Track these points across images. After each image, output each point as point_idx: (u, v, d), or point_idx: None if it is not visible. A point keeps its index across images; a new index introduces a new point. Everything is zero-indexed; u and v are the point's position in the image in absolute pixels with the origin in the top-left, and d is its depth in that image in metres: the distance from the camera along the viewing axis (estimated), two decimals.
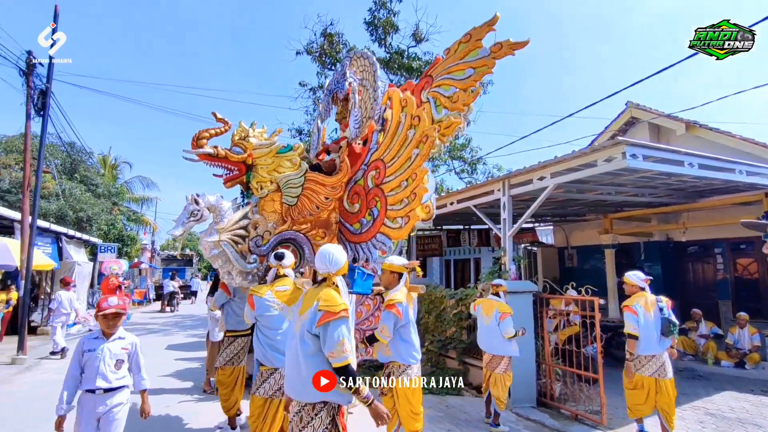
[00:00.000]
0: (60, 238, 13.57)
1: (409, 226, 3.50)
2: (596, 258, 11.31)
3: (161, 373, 7.35)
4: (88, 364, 3.01)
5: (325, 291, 2.48)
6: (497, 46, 3.30)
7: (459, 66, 3.53)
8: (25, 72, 8.59)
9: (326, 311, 2.37)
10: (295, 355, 2.45)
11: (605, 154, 4.84)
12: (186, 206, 4.14)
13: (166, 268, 30.58)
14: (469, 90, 3.44)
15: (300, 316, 2.50)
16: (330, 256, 2.55)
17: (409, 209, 3.48)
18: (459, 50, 3.54)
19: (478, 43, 3.43)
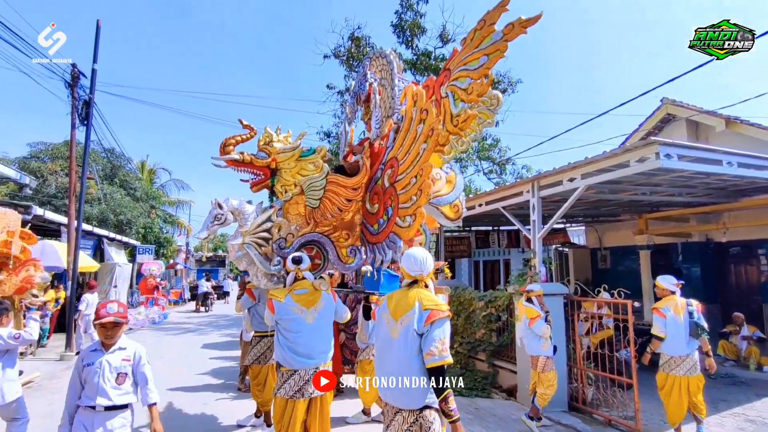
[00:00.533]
0: (102, 240, 14.23)
1: (416, 223, 3.39)
2: (631, 259, 11.00)
3: (198, 371, 7.63)
4: (88, 379, 2.73)
5: (422, 292, 2.52)
6: (509, 27, 3.12)
7: (474, 55, 3.36)
8: (70, 84, 9.07)
9: (433, 310, 2.40)
10: (397, 363, 2.42)
11: (638, 154, 4.72)
12: (210, 210, 4.32)
13: (200, 269, 31.50)
14: (483, 79, 3.27)
15: (396, 322, 2.48)
16: (422, 259, 2.60)
17: (416, 207, 3.36)
18: (474, 38, 3.38)
19: (491, 27, 3.23)
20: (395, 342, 2.46)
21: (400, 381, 2.39)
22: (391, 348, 2.48)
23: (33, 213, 9.07)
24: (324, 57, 15.49)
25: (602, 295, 6.09)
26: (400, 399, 2.42)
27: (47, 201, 17.55)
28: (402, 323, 2.46)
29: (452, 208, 3.84)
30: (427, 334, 2.37)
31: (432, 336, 2.35)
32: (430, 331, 2.36)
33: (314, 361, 3.28)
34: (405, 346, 2.41)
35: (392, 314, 2.53)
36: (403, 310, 2.48)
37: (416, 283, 2.60)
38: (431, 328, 2.37)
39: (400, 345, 2.43)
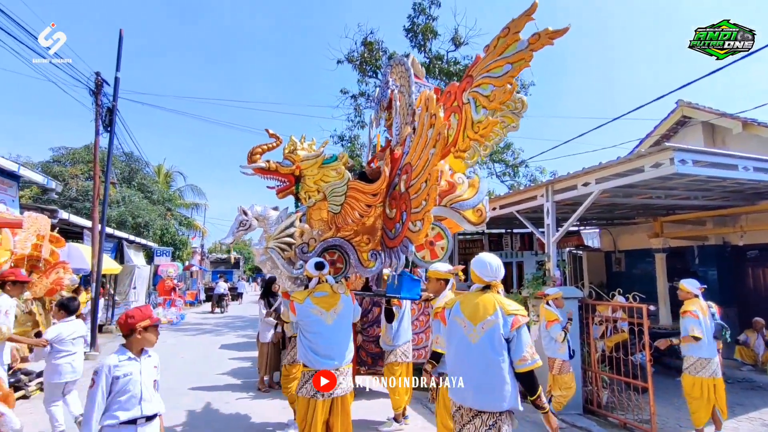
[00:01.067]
0: (122, 242, 14.57)
1: (425, 228, 3.42)
2: (646, 262, 10.94)
3: (218, 371, 7.82)
4: (126, 390, 2.55)
5: (499, 297, 2.61)
6: (535, 37, 3.10)
7: (497, 62, 3.37)
8: (94, 92, 9.36)
9: (517, 315, 2.48)
10: (481, 366, 2.47)
11: (652, 159, 4.77)
12: (236, 217, 4.47)
13: (215, 270, 31.96)
14: (506, 86, 3.26)
15: (475, 327, 2.53)
16: (497, 266, 2.68)
17: (425, 211, 3.40)
18: (498, 46, 3.37)
19: (516, 36, 3.23)
20: (476, 346, 2.51)
21: (485, 384, 2.45)
22: (471, 352, 2.52)
23: (59, 217, 9.35)
24: (337, 62, 15.67)
25: (617, 298, 6.13)
26: (485, 402, 2.45)
27: (68, 204, 18.01)
28: (483, 328, 2.51)
29: (475, 212, 3.91)
30: (515, 340, 2.45)
31: (522, 342, 2.44)
32: (519, 337, 2.44)
33: (334, 361, 3.38)
34: (489, 351, 2.46)
35: (469, 318, 2.57)
36: (482, 315, 2.53)
37: (489, 288, 2.67)
38: (518, 333, 2.45)
39: (483, 349, 2.48)
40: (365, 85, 15.77)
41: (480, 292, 2.67)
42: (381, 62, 15.14)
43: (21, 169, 8.30)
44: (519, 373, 2.42)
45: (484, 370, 2.45)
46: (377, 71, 15.45)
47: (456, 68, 14.37)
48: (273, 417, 5.27)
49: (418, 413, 5.48)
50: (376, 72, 15.48)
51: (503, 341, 2.45)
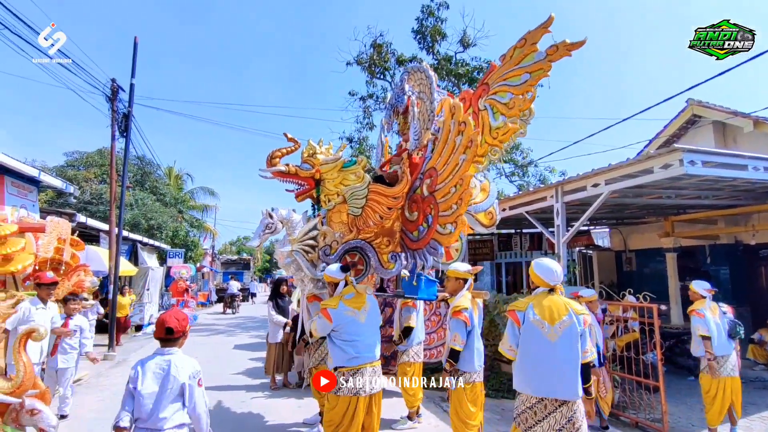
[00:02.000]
0: (136, 245, 14.83)
1: (457, 231, 3.57)
2: (657, 262, 10.92)
3: (232, 371, 7.96)
4: None
5: (564, 299, 2.99)
6: (553, 49, 3.23)
7: (515, 72, 3.49)
8: (110, 98, 9.57)
9: (585, 315, 2.92)
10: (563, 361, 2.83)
11: (661, 161, 4.82)
12: (261, 220, 4.58)
13: (226, 271, 32.26)
14: (525, 95, 3.42)
15: (553, 327, 2.87)
16: (559, 271, 3.03)
17: (457, 215, 3.53)
18: (515, 55, 3.49)
19: (533, 47, 3.37)
20: (556, 344, 2.85)
21: (568, 376, 2.81)
22: (553, 349, 2.85)
23: (77, 220, 9.58)
24: (347, 64, 15.81)
25: (627, 298, 6.17)
26: (569, 392, 2.81)
27: (83, 207, 18.32)
28: (561, 327, 2.87)
29: (487, 215, 4.01)
30: (583, 336, 2.88)
31: (586, 338, 2.90)
32: (585, 334, 2.89)
33: (371, 357, 3.50)
34: (570, 347, 2.84)
35: (546, 320, 2.90)
36: (558, 316, 2.89)
37: (553, 291, 3.01)
38: (585, 331, 2.89)
39: (564, 345, 2.84)
40: (374, 86, 15.90)
41: (546, 294, 3.01)
42: (390, 64, 15.24)
43: (41, 175, 8.53)
44: (582, 363, 2.85)
45: (566, 364, 2.82)
46: (386, 73, 15.54)
47: (464, 70, 14.42)
48: (288, 417, 5.38)
49: (431, 412, 5.57)
50: (385, 74, 15.58)
51: (578, 338, 2.85)
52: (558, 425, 2.79)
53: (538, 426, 2.83)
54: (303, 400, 5.99)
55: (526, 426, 2.88)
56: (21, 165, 7.80)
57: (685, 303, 9.23)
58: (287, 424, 5.18)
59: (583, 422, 2.83)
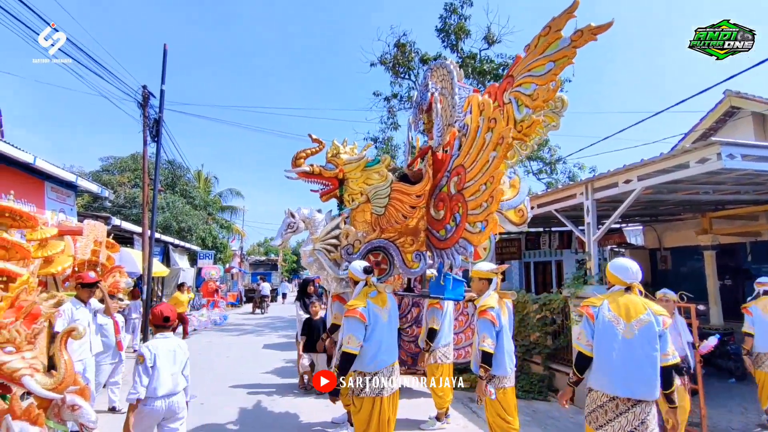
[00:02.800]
0: (168, 246, 15.26)
1: (488, 230, 3.48)
2: (694, 260, 10.51)
3: (262, 370, 8.09)
4: None
5: (642, 298, 2.99)
6: (578, 34, 3.07)
7: (539, 61, 3.34)
8: (142, 104, 9.87)
9: (664, 316, 2.89)
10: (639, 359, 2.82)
11: (698, 155, 4.63)
12: (284, 219, 4.63)
13: (254, 272, 32.84)
14: (549, 85, 3.26)
15: (629, 324, 2.88)
16: (636, 270, 3.05)
17: (488, 213, 3.45)
18: (539, 44, 3.34)
19: (557, 33, 3.20)
20: (632, 341, 2.85)
21: (644, 375, 2.79)
22: (629, 347, 2.85)
23: (112, 223, 9.93)
24: (371, 65, 15.86)
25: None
26: (645, 390, 2.79)
27: (117, 210, 18.97)
28: (638, 325, 2.86)
29: (517, 212, 3.92)
30: (664, 337, 2.84)
31: (666, 339, 2.84)
32: (665, 335, 2.85)
33: (393, 357, 3.49)
34: (647, 345, 2.82)
35: (623, 316, 2.91)
36: (634, 314, 2.89)
37: (630, 290, 3.02)
38: (665, 332, 2.85)
39: (642, 344, 2.83)
40: (398, 86, 15.88)
41: (622, 293, 3.02)
42: (414, 63, 15.20)
43: (78, 180, 8.87)
44: (662, 366, 2.80)
45: (642, 362, 2.80)
46: (410, 72, 15.51)
47: (489, 66, 14.25)
48: (317, 416, 5.42)
49: (459, 413, 5.52)
50: (409, 73, 15.55)
51: (656, 337, 2.82)
52: (630, 426, 2.76)
53: (608, 425, 2.83)
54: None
55: (597, 424, 2.89)
56: (60, 171, 8.13)
57: (725, 303, 8.86)
58: (315, 423, 5.22)
59: (655, 427, 2.78)
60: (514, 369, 3.76)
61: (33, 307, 2.73)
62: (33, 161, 7.17)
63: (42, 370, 2.55)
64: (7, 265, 3.15)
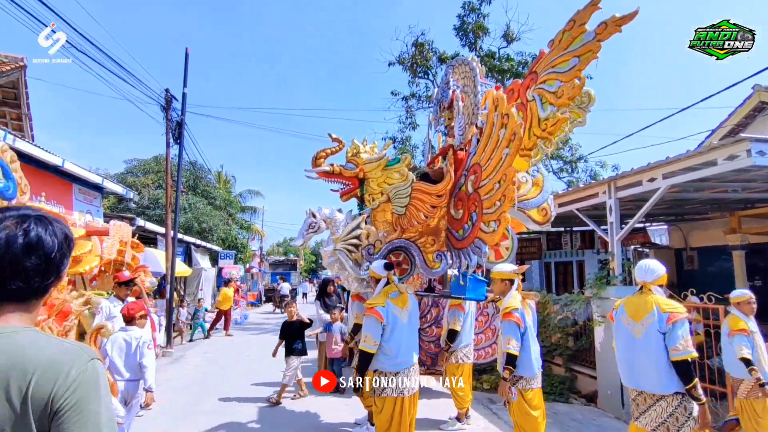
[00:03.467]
0: (190, 247, 15.54)
1: (501, 229, 3.41)
2: (722, 260, 10.19)
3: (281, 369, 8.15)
4: None
5: (655, 296, 3.04)
6: (602, 27, 2.97)
7: (563, 57, 3.26)
8: (164, 107, 10.08)
9: (672, 312, 2.92)
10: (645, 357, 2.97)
11: (726, 152, 4.49)
12: (305, 220, 4.66)
13: (274, 272, 33.19)
14: (574, 82, 3.18)
15: (637, 324, 3.02)
16: (645, 268, 3.12)
17: (501, 212, 3.37)
18: (563, 40, 3.26)
19: (582, 27, 3.11)
20: (639, 340, 3.00)
21: (651, 371, 2.93)
22: (636, 345, 3.02)
23: (136, 224, 10.17)
24: (389, 64, 15.84)
25: (690, 298, 5.80)
26: (650, 384, 2.95)
27: (141, 212, 19.41)
28: (644, 324, 2.98)
29: (540, 211, 3.86)
30: (670, 332, 2.89)
31: (675, 334, 2.86)
32: (673, 330, 2.88)
33: (414, 357, 3.48)
34: (651, 343, 2.93)
35: (632, 317, 3.07)
36: (642, 313, 3.01)
37: (643, 289, 3.10)
38: (673, 327, 2.87)
39: (646, 342, 2.95)
40: (416, 86, 15.82)
41: (639, 293, 3.13)
42: (432, 63, 15.13)
43: (104, 182, 9.12)
44: (673, 361, 2.84)
45: (647, 359, 2.94)
46: (428, 72, 15.45)
47: (508, 65, 14.09)
48: (336, 416, 5.45)
49: (480, 414, 5.48)
50: (427, 73, 15.49)
51: (660, 335, 2.90)
52: (660, 418, 2.91)
53: (642, 417, 3.00)
54: (351, 399, 6.05)
55: (634, 416, 3.10)
56: (87, 173, 8.37)
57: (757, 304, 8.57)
58: (336, 423, 5.24)
59: (688, 420, 2.84)
60: (541, 370, 3.71)
61: (64, 305, 2.82)
62: (62, 164, 7.39)
63: None
64: None
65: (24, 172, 3.58)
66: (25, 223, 0.97)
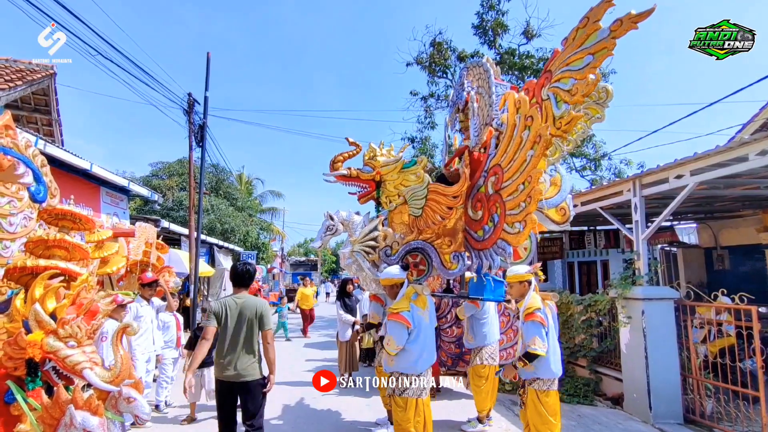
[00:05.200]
0: (213, 248, 15.82)
1: (527, 230, 3.39)
2: (755, 259, 9.83)
3: (304, 369, 8.25)
4: None
5: None
6: (617, 23, 2.93)
7: (577, 55, 3.23)
8: (187, 111, 10.28)
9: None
10: None
11: (758, 146, 4.32)
12: (323, 222, 4.70)
13: (295, 272, 33.55)
14: (588, 78, 3.14)
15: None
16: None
17: (526, 213, 3.36)
18: (577, 37, 3.24)
19: (596, 25, 3.08)
20: None
21: None
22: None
23: (161, 226, 10.40)
24: (407, 65, 15.82)
25: (720, 299, 5.61)
26: None
27: (166, 213, 19.85)
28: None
29: (558, 210, 3.81)
30: None
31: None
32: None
33: (434, 357, 3.52)
34: None
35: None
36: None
37: None
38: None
39: None
40: (435, 85, 15.75)
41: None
42: (450, 62, 15.04)
43: (130, 185, 9.36)
44: None
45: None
46: (446, 71, 15.36)
47: (529, 62, 13.90)
48: (358, 415, 5.48)
49: (501, 415, 5.42)
50: (446, 72, 15.40)
51: None
52: None
53: None
54: (371, 399, 6.07)
55: None
56: (113, 176, 8.60)
57: None
58: (359, 422, 5.27)
59: None
60: (560, 373, 3.65)
61: (92, 305, 2.90)
62: (90, 168, 7.62)
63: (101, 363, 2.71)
64: (68, 264, 3.36)
65: (54, 176, 3.71)
66: (248, 264, 3.74)
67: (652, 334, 5.42)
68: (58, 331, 2.63)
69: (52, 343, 2.58)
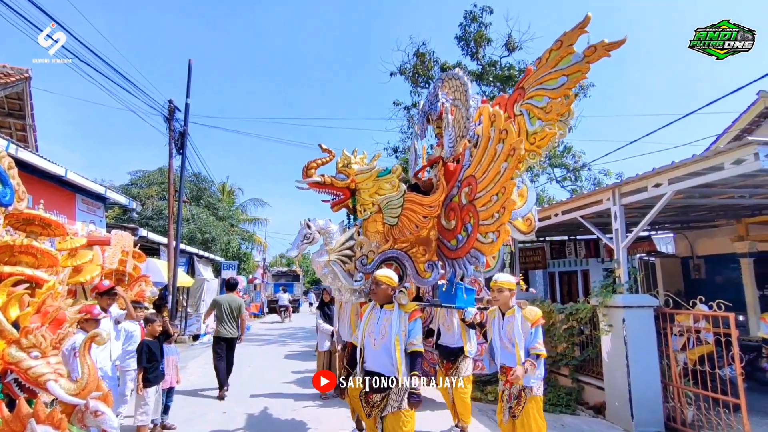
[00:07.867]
0: (193, 257, 15.51)
1: (500, 240, 3.49)
2: (730, 269, 10.05)
3: (284, 380, 8.07)
4: None
5: None
6: (591, 50, 3.14)
7: (551, 75, 3.42)
8: (167, 118, 10.13)
9: None
10: None
11: (733, 156, 4.42)
12: (300, 230, 4.63)
13: (277, 283, 33.11)
14: (563, 98, 3.34)
15: None
16: None
17: (500, 224, 3.45)
18: (550, 59, 3.43)
19: (569, 48, 3.29)
20: None
21: None
22: None
23: (139, 234, 10.15)
24: (390, 74, 15.91)
25: (699, 307, 5.69)
26: None
27: (145, 222, 19.44)
28: None
29: (525, 221, 3.88)
30: None
31: None
32: None
33: None
34: None
35: None
36: None
37: None
38: None
39: None
40: (418, 96, 15.86)
41: None
42: (433, 72, 15.19)
43: (107, 192, 9.12)
44: None
45: None
46: (429, 81, 15.50)
47: (510, 73, 14.11)
48: (338, 426, 5.35)
49: (484, 425, 5.36)
50: (429, 82, 15.54)
51: None
52: None
53: None
54: None
55: None
56: (89, 183, 8.37)
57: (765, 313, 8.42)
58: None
59: None
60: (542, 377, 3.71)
61: (58, 313, 2.77)
62: (64, 174, 7.40)
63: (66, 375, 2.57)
64: (35, 272, 3.22)
65: (26, 182, 3.57)
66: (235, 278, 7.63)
67: (633, 342, 5.45)
68: (20, 341, 2.49)
69: (14, 354, 2.44)
